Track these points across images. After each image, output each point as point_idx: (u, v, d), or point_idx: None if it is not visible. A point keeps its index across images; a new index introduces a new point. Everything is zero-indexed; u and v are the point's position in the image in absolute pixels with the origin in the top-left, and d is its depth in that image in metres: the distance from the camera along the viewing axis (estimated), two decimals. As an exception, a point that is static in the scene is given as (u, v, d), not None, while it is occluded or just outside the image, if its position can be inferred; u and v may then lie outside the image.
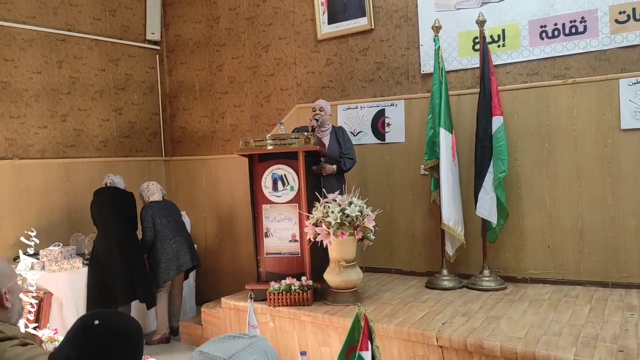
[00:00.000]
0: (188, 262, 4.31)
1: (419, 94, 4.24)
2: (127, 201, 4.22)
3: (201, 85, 5.48)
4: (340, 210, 3.28)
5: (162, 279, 4.18)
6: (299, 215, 3.55)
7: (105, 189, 4.25)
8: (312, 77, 4.77)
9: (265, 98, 5.07)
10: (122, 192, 4.26)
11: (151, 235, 4.18)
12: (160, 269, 4.17)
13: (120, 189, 4.27)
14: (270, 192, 3.64)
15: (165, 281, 4.21)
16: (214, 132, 5.42)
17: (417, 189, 4.24)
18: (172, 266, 4.21)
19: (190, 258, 4.32)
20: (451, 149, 3.79)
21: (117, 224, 4.08)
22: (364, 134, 4.47)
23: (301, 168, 3.54)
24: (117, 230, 4.06)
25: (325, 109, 3.97)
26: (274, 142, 3.58)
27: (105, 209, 4.11)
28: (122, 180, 4.37)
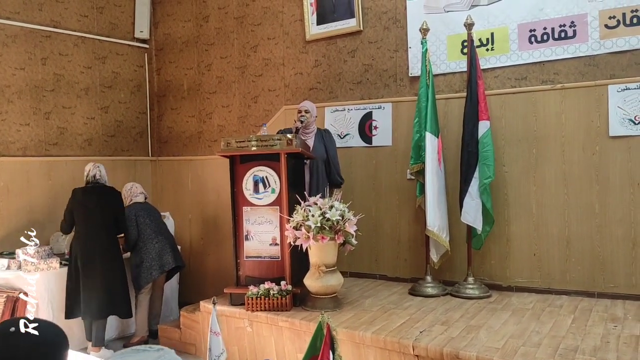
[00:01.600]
0: (171, 262, 4.25)
1: (406, 97, 4.22)
2: (116, 202, 3.99)
3: (189, 85, 5.46)
4: (320, 214, 3.23)
5: (144, 279, 4.12)
6: (280, 218, 3.50)
7: (91, 187, 3.95)
8: (300, 78, 4.75)
9: (253, 99, 5.05)
10: (111, 192, 4.01)
11: (135, 234, 4.11)
12: (143, 269, 4.11)
13: (108, 187, 4.02)
14: (251, 194, 3.60)
15: (148, 282, 4.15)
16: (201, 132, 5.40)
17: (403, 193, 4.22)
18: (155, 266, 4.15)
19: (172, 258, 4.26)
20: (437, 153, 3.76)
21: (102, 229, 3.85)
22: (351, 136, 4.44)
23: (283, 170, 3.51)
24: (102, 235, 3.85)
25: (311, 111, 3.95)
26: (256, 144, 3.54)
27: (90, 210, 3.84)
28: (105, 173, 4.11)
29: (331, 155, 3.96)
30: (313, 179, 3.90)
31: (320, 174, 3.92)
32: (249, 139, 3.55)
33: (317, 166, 3.92)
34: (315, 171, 3.91)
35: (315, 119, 4.03)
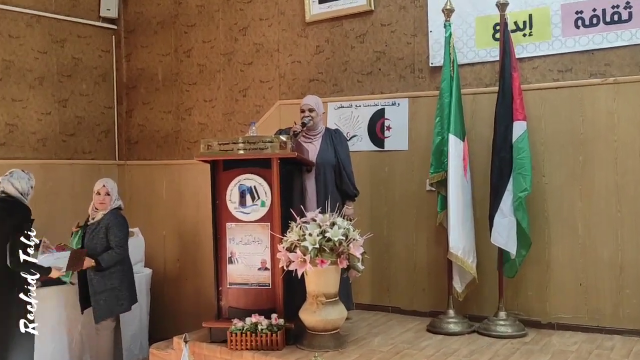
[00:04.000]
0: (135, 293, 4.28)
1: (426, 92, 4.23)
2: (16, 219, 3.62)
3: (165, 74, 5.48)
4: (320, 232, 3.24)
5: (115, 308, 4.10)
6: (271, 237, 3.51)
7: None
8: (299, 68, 4.76)
9: (241, 92, 5.07)
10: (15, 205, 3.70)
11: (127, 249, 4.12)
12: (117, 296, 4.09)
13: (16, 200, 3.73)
14: (237, 207, 3.61)
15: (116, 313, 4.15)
16: (178, 131, 5.42)
17: (421, 208, 4.22)
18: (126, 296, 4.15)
19: None
20: (462, 160, 3.76)
21: None
22: (359, 138, 4.45)
23: (275, 179, 3.52)
24: None
25: (317, 108, 3.97)
26: (243, 146, 3.56)
27: None
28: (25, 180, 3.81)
29: (343, 161, 3.98)
30: (320, 190, 3.91)
31: (328, 183, 3.93)
32: (235, 141, 3.57)
33: (324, 174, 3.93)
34: (323, 181, 3.92)
35: (321, 116, 4.06)
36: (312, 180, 3.93)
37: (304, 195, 3.93)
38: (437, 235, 4.11)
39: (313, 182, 3.93)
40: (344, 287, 3.68)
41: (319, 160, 3.92)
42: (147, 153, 5.58)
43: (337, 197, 3.90)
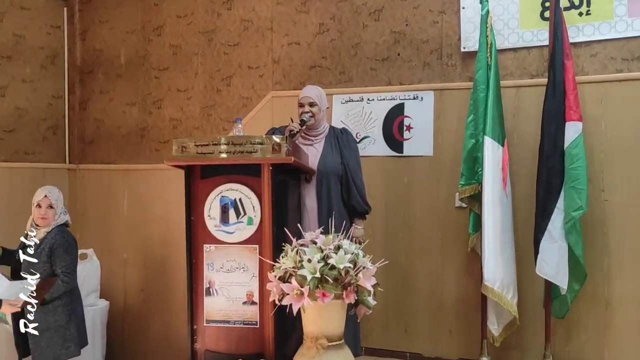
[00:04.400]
0: None
1: (456, 83, 4.27)
2: None
3: (129, 57, 5.49)
4: (321, 258, 3.18)
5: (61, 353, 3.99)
6: (260, 263, 3.46)
7: None
8: (297, 51, 4.77)
9: (224, 80, 5.07)
10: None
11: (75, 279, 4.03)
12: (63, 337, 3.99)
13: None
14: (217, 225, 3.56)
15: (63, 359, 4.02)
16: (145, 128, 5.41)
17: (448, 229, 4.24)
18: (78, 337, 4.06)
19: None
20: (501, 169, 3.77)
21: None
22: (371, 141, 4.46)
23: (266, 190, 3.47)
24: None
25: (319, 102, 3.95)
26: (226, 148, 3.52)
27: None
28: None
29: (351, 169, 3.96)
30: (322, 205, 3.88)
31: (332, 197, 3.90)
32: (216, 142, 3.53)
33: (327, 185, 3.89)
34: (326, 193, 3.89)
35: (324, 112, 4.04)
36: (312, 192, 3.91)
37: (302, 211, 3.92)
38: (469, 264, 4.11)
39: (313, 194, 3.90)
40: (351, 328, 3.63)
41: (322, 168, 3.89)
42: (105, 155, 5.56)
43: (343, 214, 3.88)
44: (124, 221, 5.38)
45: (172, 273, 5.06)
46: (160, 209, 5.18)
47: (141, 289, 5.29)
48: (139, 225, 5.32)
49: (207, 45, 5.13)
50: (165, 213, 5.13)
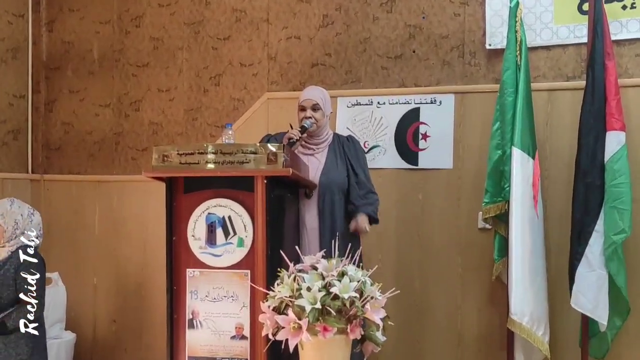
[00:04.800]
0: None
1: (480, 85, 4.28)
2: None
3: (103, 51, 5.48)
4: (323, 286, 3.19)
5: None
6: (251, 291, 3.48)
7: None
8: (297, 46, 4.78)
9: (213, 79, 5.09)
10: None
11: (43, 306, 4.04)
12: None
13: None
14: (203, 246, 3.56)
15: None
16: (120, 134, 5.42)
17: (470, 254, 4.25)
18: None
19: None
20: (532, 186, 3.78)
21: None
22: (381, 150, 4.48)
23: (259, 206, 3.47)
24: None
25: (323, 106, 3.97)
26: (214, 158, 3.54)
27: None
28: None
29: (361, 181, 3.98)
30: (324, 223, 3.90)
31: (337, 214, 3.92)
32: (203, 150, 3.55)
33: (331, 201, 3.91)
34: (329, 210, 3.90)
35: (328, 117, 4.06)
36: (313, 209, 3.93)
37: (301, 232, 3.94)
38: (493, 294, 4.13)
39: (315, 212, 3.92)
40: (356, 367, 3.64)
41: (324, 181, 3.91)
42: (74, 164, 5.56)
43: (349, 235, 3.86)
44: (94, 241, 5.35)
45: (150, 301, 5.05)
46: (137, 227, 5.17)
47: (113, 319, 5.25)
48: (112, 246, 5.29)
49: (193, 38, 5.12)
50: (143, 232, 5.12)
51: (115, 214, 5.34)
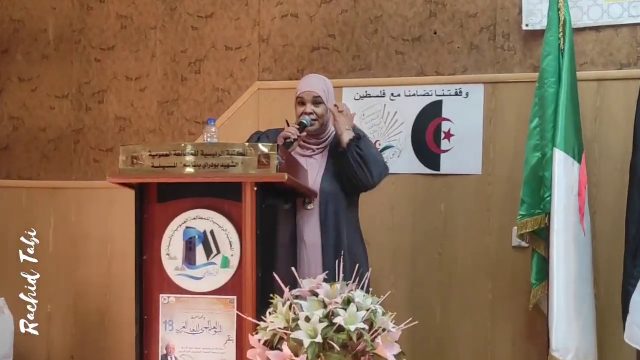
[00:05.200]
0: None
1: (515, 74, 4.30)
2: None
3: (60, 31, 5.50)
4: (324, 315, 3.20)
5: None
6: (238, 321, 3.48)
7: None
8: (294, 26, 4.81)
9: (192, 65, 5.11)
10: None
11: None
12: None
13: None
14: (180, 267, 3.56)
15: None
16: (80, 131, 5.44)
17: (502, 277, 4.26)
18: None
19: None
20: (577, 195, 3.79)
21: None
22: (395, 152, 4.50)
23: (248, 219, 3.47)
24: None
25: (326, 99, 3.96)
26: (194, 160, 3.53)
27: None
28: None
29: None
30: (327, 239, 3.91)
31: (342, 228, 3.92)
32: (180, 151, 3.53)
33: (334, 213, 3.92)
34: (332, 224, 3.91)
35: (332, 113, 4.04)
36: (312, 222, 3.93)
37: (299, 249, 3.95)
38: (530, 326, 4.13)
39: (315, 225, 3.92)
40: (365, 414, 3.63)
41: (326, 188, 3.91)
42: (25, 167, 5.58)
43: (357, 253, 3.90)
44: (48, 259, 5.26)
45: (115, 333, 5.06)
46: (100, 243, 5.17)
47: (70, 355, 5.26)
48: (69, 266, 5.30)
49: (168, 16, 5.13)
50: (107, 249, 5.13)
51: (73, 228, 5.35)
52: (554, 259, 3.75)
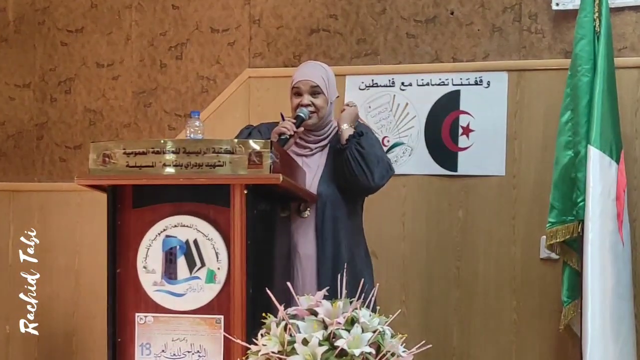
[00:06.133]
0: None
1: (544, 61, 4.32)
2: None
3: (21, 11, 5.52)
4: (325, 337, 3.19)
5: None
6: (226, 344, 3.47)
7: None
8: (290, 5, 4.83)
9: (173, 49, 5.14)
10: None
11: None
12: None
13: None
14: (159, 282, 3.57)
15: None
16: (44, 125, 5.46)
17: (529, 293, 4.29)
18: None
19: None
20: (615, 200, 3.80)
21: None
22: (406, 150, 4.52)
23: (237, 226, 3.48)
24: None
25: (326, 90, 3.96)
26: (175, 159, 3.52)
27: None
28: None
29: None
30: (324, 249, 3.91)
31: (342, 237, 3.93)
32: (159, 148, 3.54)
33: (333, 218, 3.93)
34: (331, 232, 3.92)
35: (333, 105, 4.05)
36: (309, 230, 3.95)
37: (293, 261, 3.95)
38: (560, 350, 4.16)
39: (311, 234, 3.93)
40: None
41: (324, 191, 3.92)
42: (-21, 167, 5.60)
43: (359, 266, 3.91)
44: (7, 273, 5.37)
45: (83, 358, 5.09)
46: (67, 254, 5.20)
47: None
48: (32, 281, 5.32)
49: None
50: (75, 261, 5.16)
51: (36, 236, 5.19)
52: (589, 273, 3.74)
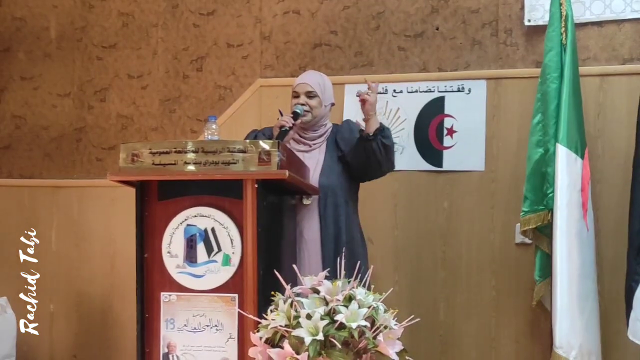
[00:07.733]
0: None
1: (518, 70, 4.30)
2: None
3: (62, 30, 5.50)
4: (326, 313, 3.20)
5: None
6: (240, 319, 3.48)
7: None
8: (296, 23, 4.81)
9: (194, 62, 5.11)
10: None
11: None
12: None
13: None
14: (181, 265, 3.56)
15: None
16: (82, 129, 5.44)
17: (506, 274, 4.27)
18: None
19: None
20: (580, 191, 3.79)
21: None
22: (398, 149, 4.46)
23: (249, 216, 3.47)
24: None
25: (320, 92, 3.98)
26: (195, 158, 3.54)
27: None
28: None
29: None
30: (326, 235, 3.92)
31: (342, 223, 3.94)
32: (181, 148, 3.54)
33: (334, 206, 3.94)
34: (332, 218, 3.93)
35: (329, 108, 4.07)
36: (312, 218, 3.95)
37: (299, 245, 3.96)
38: (534, 324, 4.14)
39: (314, 221, 3.94)
40: (367, 412, 3.62)
41: (324, 182, 3.94)
42: (27, 166, 5.59)
43: (357, 249, 3.92)
44: (50, 258, 5.30)
45: (117, 332, 5.07)
46: (103, 241, 5.18)
47: (73, 354, 5.26)
48: (72, 265, 5.30)
49: (170, 13, 5.13)
50: (110, 248, 5.13)
51: (76, 226, 5.35)
52: (557, 256, 3.76)
